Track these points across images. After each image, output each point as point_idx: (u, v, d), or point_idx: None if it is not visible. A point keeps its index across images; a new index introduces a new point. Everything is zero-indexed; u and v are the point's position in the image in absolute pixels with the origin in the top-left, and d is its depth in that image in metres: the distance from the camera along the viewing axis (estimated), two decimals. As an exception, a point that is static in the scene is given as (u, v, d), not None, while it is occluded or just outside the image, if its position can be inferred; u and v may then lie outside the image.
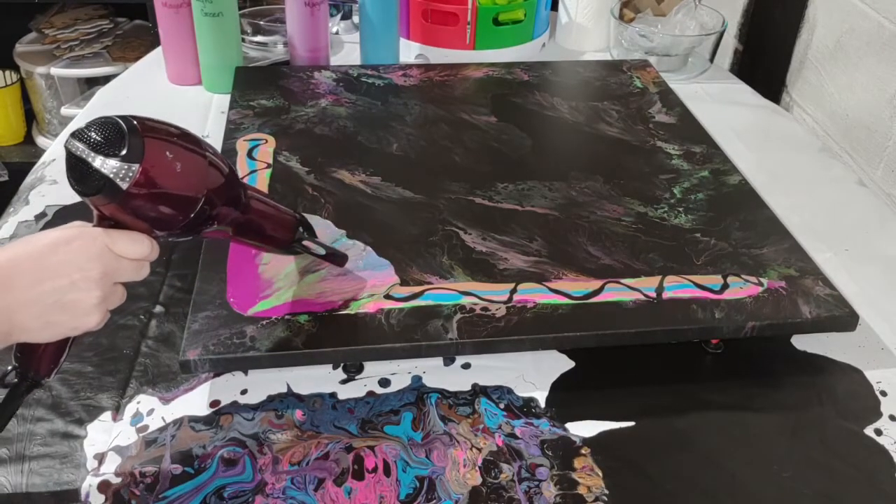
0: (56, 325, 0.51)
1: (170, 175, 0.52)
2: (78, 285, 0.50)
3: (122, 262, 0.53)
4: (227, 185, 0.57)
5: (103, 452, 0.60)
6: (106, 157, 0.49)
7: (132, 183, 0.50)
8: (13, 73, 2.00)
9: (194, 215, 0.54)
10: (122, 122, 0.50)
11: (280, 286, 0.70)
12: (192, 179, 0.53)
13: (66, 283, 0.50)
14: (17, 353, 0.54)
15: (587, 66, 1.16)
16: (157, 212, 0.53)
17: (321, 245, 0.69)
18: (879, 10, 1.00)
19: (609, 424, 0.64)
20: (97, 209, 0.53)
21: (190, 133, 0.55)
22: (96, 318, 0.53)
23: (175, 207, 0.53)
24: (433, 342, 0.66)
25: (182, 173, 0.53)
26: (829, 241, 0.85)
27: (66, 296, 0.50)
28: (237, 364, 0.66)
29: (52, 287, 0.50)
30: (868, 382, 0.69)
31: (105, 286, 0.52)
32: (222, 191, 0.56)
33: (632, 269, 0.74)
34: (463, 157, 0.91)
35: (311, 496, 0.57)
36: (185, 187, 0.53)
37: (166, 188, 0.52)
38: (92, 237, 0.52)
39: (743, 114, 1.11)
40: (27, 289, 0.49)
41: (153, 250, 0.54)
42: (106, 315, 0.54)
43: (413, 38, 1.21)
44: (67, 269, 0.50)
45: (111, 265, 0.52)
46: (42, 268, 0.50)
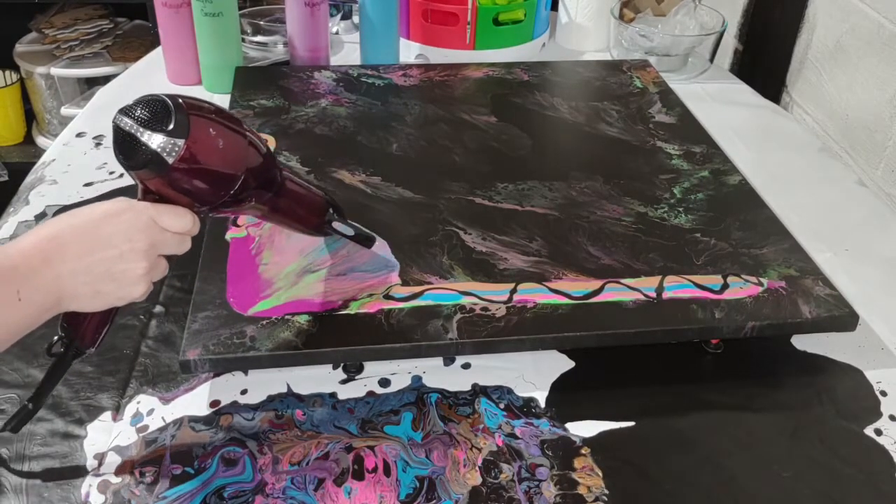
0: (104, 294, 0.53)
1: (213, 152, 0.55)
2: (126, 256, 0.53)
3: (166, 235, 0.55)
4: (265, 164, 0.59)
5: (103, 452, 0.60)
6: (153, 132, 0.52)
7: (177, 158, 0.52)
8: (13, 73, 2.00)
9: (234, 192, 0.57)
10: (168, 99, 0.53)
11: (280, 286, 0.70)
12: (233, 157, 0.56)
13: (116, 254, 0.52)
14: (64, 324, 0.56)
15: (587, 66, 1.16)
16: (200, 187, 0.55)
17: (350, 226, 0.71)
18: (879, 10, 1.00)
19: (609, 424, 0.64)
20: (143, 183, 0.55)
21: (231, 113, 0.58)
22: (142, 288, 0.55)
23: (217, 183, 0.56)
24: (433, 342, 0.66)
25: (224, 150, 0.55)
26: (829, 241, 0.85)
27: (114, 266, 0.52)
28: (237, 364, 0.66)
29: (101, 257, 0.52)
30: (868, 382, 0.69)
31: (151, 258, 0.54)
32: (260, 170, 0.59)
33: (632, 269, 0.74)
34: (463, 157, 0.91)
35: (311, 496, 0.57)
36: (227, 164, 0.56)
37: (209, 164, 0.55)
38: (138, 210, 0.54)
39: (743, 114, 1.11)
40: (78, 258, 0.51)
41: (195, 224, 0.57)
42: (150, 286, 0.56)
43: (413, 38, 1.21)
44: (116, 241, 0.52)
45: (157, 238, 0.54)
46: (93, 238, 0.52)
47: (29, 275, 0.49)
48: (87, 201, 0.87)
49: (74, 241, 0.51)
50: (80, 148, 0.97)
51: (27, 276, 0.49)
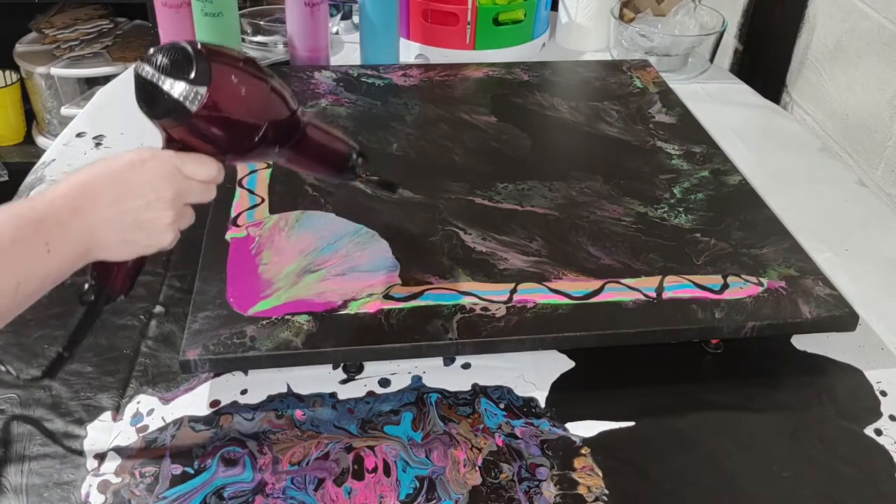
0: (133, 243, 0.54)
1: (235, 100, 0.54)
2: (153, 205, 0.53)
3: (191, 184, 0.55)
4: (290, 113, 0.59)
5: (103, 452, 0.60)
6: (175, 80, 0.52)
7: (200, 106, 0.52)
8: (13, 73, 2.00)
9: (258, 139, 0.56)
10: (189, 46, 0.52)
11: (280, 286, 0.70)
12: (257, 105, 0.56)
13: (143, 203, 0.52)
14: (94, 272, 0.57)
15: (587, 66, 1.16)
16: (223, 135, 0.55)
17: (374, 174, 0.70)
18: (879, 10, 1.00)
19: (609, 424, 0.64)
20: (166, 132, 0.55)
21: (254, 60, 0.57)
22: (169, 237, 0.55)
23: (240, 131, 0.56)
24: (433, 342, 0.66)
25: (247, 98, 0.55)
26: (829, 241, 0.85)
27: (142, 215, 0.53)
28: (237, 364, 0.66)
29: (129, 206, 0.52)
30: (868, 382, 0.68)
31: (177, 206, 0.55)
32: (284, 118, 0.58)
33: (632, 269, 0.74)
34: (463, 157, 0.91)
35: (311, 496, 0.57)
36: (250, 112, 0.56)
37: (232, 113, 0.54)
38: (163, 159, 0.54)
39: (743, 114, 1.11)
40: (107, 208, 0.51)
41: (220, 173, 0.57)
42: (177, 235, 0.56)
43: (413, 38, 1.21)
44: (144, 190, 0.53)
45: (182, 186, 0.55)
46: (120, 188, 0.52)
47: (57, 226, 0.49)
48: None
49: (102, 191, 0.51)
50: (80, 148, 0.97)
51: (55, 227, 0.49)
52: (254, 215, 0.79)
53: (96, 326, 0.60)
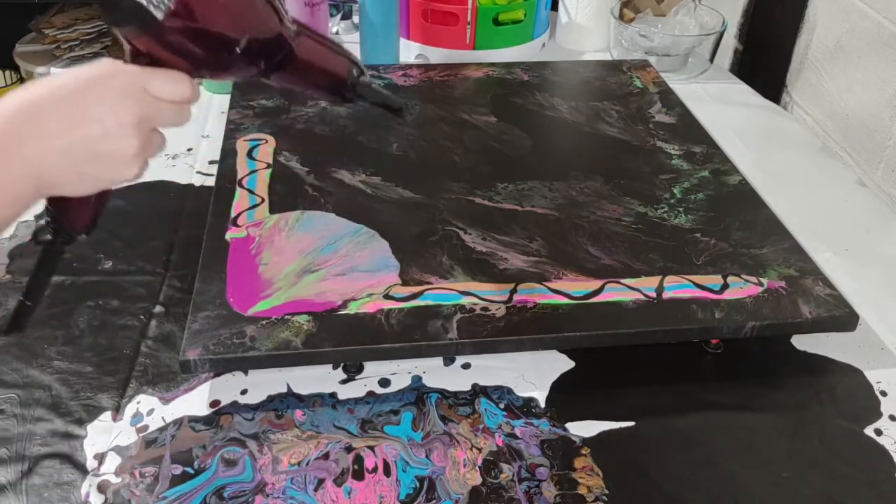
0: (91, 177, 0.46)
1: (208, 6, 0.46)
2: (112, 133, 0.45)
3: (160, 105, 0.47)
4: (276, 21, 0.50)
5: (103, 452, 0.60)
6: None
7: (167, 13, 0.45)
8: (13, 73, 2.00)
9: (238, 52, 0.49)
10: None
11: (280, 286, 0.70)
12: (237, 12, 0.48)
13: (99, 132, 0.45)
14: (49, 208, 0.50)
15: (587, 66, 1.16)
16: (196, 48, 0.47)
17: (378, 91, 0.60)
18: (879, 10, 1.00)
19: (609, 424, 0.64)
20: (130, 43, 0.48)
21: None
22: (134, 168, 0.47)
23: (216, 43, 0.48)
24: (433, 342, 0.66)
25: (223, 7, 0.47)
26: (829, 241, 0.85)
27: (99, 145, 0.45)
28: (237, 364, 0.66)
29: (83, 135, 0.44)
30: (868, 382, 0.69)
31: (143, 133, 0.46)
32: (269, 27, 0.50)
33: (632, 269, 0.74)
34: (463, 157, 0.91)
35: (311, 496, 0.57)
36: (228, 21, 0.48)
37: (207, 21, 0.47)
38: (125, 76, 0.46)
39: (743, 114, 1.11)
40: (55, 136, 0.44)
41: (193, 91, 0.49)
42: (145, 165, 0.48)
43: (413, 38, 1.21)
44: (100, 114, 0.45)
45: (148, 109, 0.47)
46: (70, 112, 0.44)
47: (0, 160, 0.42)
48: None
49: (50, 116, 0.44)
50: (80, 148, 0.97)
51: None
52: (254, 215, 0.79)
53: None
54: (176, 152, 0.96)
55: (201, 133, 1.00)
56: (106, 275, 0.77)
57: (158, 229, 0.83)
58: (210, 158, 0.94)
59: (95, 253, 0.79)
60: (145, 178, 0.53)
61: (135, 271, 0.77)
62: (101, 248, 0.80)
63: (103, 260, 0.78)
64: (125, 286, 0.75)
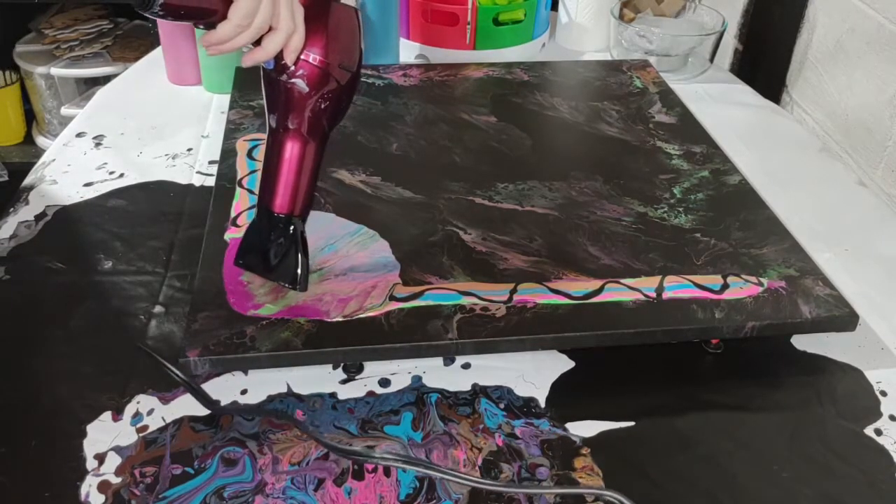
0: None
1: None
2: None
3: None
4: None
5: (103, 452, 0.60)
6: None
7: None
8: (13, 73, 2.00)
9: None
10: None
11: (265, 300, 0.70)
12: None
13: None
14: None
15: (587, 66, 1.16)
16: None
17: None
18: (879, 10, 1.00)
19: (609, 424, 0.64)
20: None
21: None
22: None
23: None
24: (433, 342, 0.66)
25: None
26: (829, 241, 0.85)
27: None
28: (237, 364, 0.66)
29: None
30: (868, 382, 0.69)
31: None
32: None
33: (632, 269, 0.74)
34: (463, 157, 0.91)
35: (311, 496, 0.57)
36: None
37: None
38: None
39: (743, 114, 1.11)
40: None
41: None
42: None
43: (413, 38, 1.21)
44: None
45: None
46: None
47: None
48: (88, 202, 0.87)
49: None
50: (80, 148, 0.97)
51: None
52: (254, 215, 0.79)
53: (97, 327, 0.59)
54: (176, 152, 0.96)
55: (201, 133, 1.00)
56: (106, 275, 0.77)
57: (158, 229, 0.83)
58: (210, 158, 0.94)
59: (95, 253, 0.79)
60: (145, 178, 0.54)
61: (135, 271, 0.77)
62: (101, 248, 0.80)
63: (103, 260, 0.78)
64: (125, 286, 0.75)
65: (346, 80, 0.65)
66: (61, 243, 0.81)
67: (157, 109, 1.06)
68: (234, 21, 0.58)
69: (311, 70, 0.63)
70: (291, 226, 0.67)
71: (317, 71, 0.63)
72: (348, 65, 0.64)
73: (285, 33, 0.61)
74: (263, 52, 0.62)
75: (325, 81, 0.64)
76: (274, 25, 0.60)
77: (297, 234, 0.67)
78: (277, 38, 0.61)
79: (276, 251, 0.67)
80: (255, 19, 0.59)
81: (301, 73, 0.63)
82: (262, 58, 0.62)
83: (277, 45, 0.61)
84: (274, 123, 0.66)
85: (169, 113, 1.05)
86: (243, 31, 0.59)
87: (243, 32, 0.59)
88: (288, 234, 0.67)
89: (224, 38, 0.60)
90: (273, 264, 0.68)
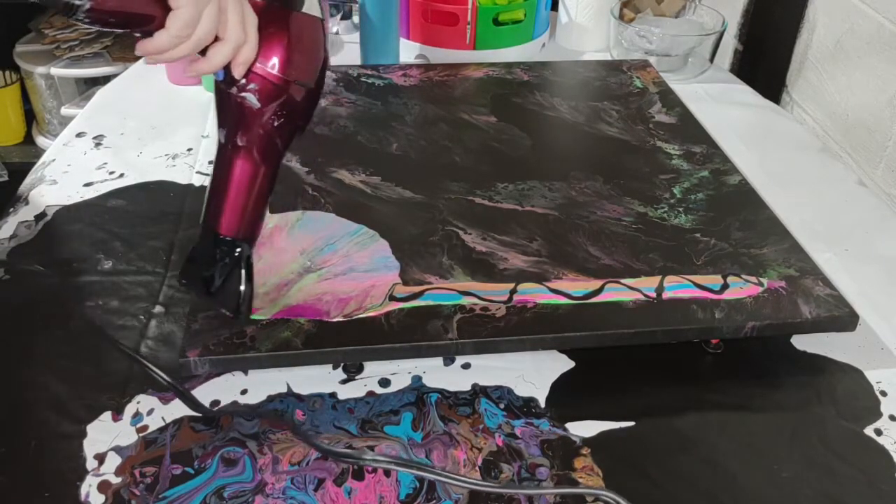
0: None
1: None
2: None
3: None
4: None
5: (103, 452, 0.60)
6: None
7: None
8: (13, 73, 2.00)
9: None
10: None
11: (267, 291, 0.70)
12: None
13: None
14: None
15: (587, 66, 1.16)
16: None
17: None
18: (879, 10, 1.00)
19: (609, 424, 0.64)
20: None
21: None
22: None
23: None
24: (433, 342, 0.66)
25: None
26: (829, 241, 0.85)
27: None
28: (237, 364, 0.66)
29: None
30: (868, 382, 0.69)
31: None
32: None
33: (632, 269, 0.74)
34: (463, 157, 0.91)
35: (311, 496, 0.57)
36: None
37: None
38: None
39: (743, 114, 1.11)
40: None
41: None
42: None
43: (413, 38, 1.21)
44: None
45: None
46: None
47: None
48: (88, 202, 0.87)
49: None
50: (80, 148, 0.97)
51: None
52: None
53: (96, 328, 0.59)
54: (176, 152, 0.96)
55: (201, 133, 1.00)
56: (106, 275, 0.77)
57: (158, 229, 0.83)
58: (210, 158, 0.94)
59: (95, 253, 0.79)
60: (145, 178, 0.54)
61: (135, 271, 0.77)
62: (101, 248, 0.80)
63: (103, 260, 0.78)
64: (125, 286, 0.75)
65: (303, 96, 0.60)
66: (61, 243, 0.81)
67: (157, 109, 1.06)
68: (172, 31, 0.52)
69: (263, 84, 0.58)
70: (237, 249, 0.62)
71: (270, 85, 0.58)
72: (306, 80, 0.59)
73: (233, 44, 0.55)
74: (207, 64, 0.56)
75: (279, 96, 0.58)
76: (221, 35, 0.55)
77: (241, 258, 0.62)
78: (224, 50, 0.55)
79: (220, 272, 0.62)
80: (197, 29, 0.53)
81: (252, 88, 0.58)
82: (207, 70, 0.56)
83: (224, 57, 0.55)
84: (223, 139, 0.61)
85: (169, 113, 1.05)
86: (183, 41, 0.53)
87: (183, 43, 0.53)
88: (233, 258, 0.62)
89: (161, 49, 0.53)
90: (216, 287, 0.62)
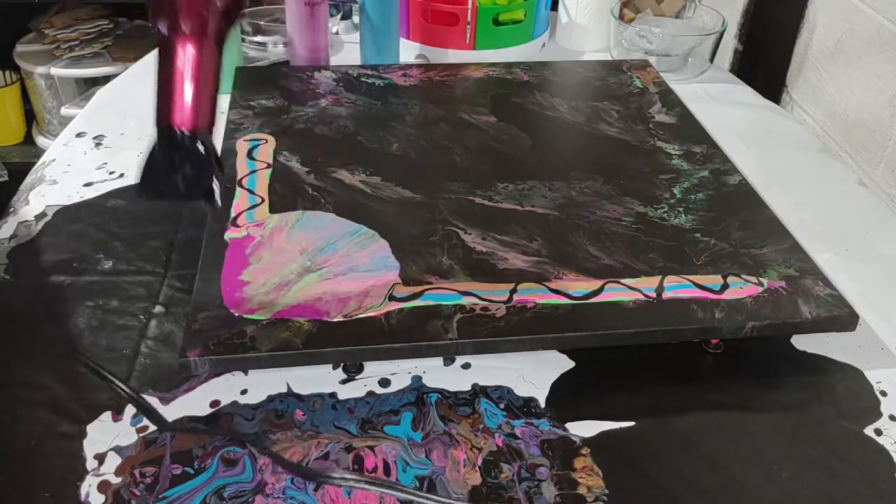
0: None
1: None
2: None
3: None
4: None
5: (103, 452, 0.60)
6: None
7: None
8: (13, 73, 2.00)
9: None
10: None
11: (260, 291, 0.70)
12: None
13: None
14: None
15: (587, 66, 1.16)
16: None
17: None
18: (879, 10, 1.00)
19: (609, 424, 0.64)
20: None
21: None
22: None
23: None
24: (433, 342, 0.66)
25: None
26: (829, 241, 0.85)
27: None
28: (237, 364, 0.66)
29: None
30: (868, 382, 0.69)
31: None
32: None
33: (632, 269, 0.74)
34: (463, 157, 0.91)
35: (311, 496, 0.57)
36: None
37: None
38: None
39: (743, 114, 1.11)
40: None
41: None
42: None
43: (413, 38, 1.21)
44: None
45: None
46: None
47: None
48: (88, 202, 0.87)
49: None
50: (80, 148, 0.97)
51: None
52: (253, 215, 0.79)
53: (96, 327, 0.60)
54: (176, 152, 0.95)
55: (201, 133, 1.00)
56: (106, 275, 0.77)
57: (158, 229, 0.83)
58: (210, 158, 0.94)
59: (95, 253, 0.79)
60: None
61: (135, 271, 0.77)
62: (101, 248, 0.80)
63: (103, 260, 0.78)
64: (125, 286, 0.75)
65: None
66: (61, 243, 0.81)
67: (157, 109, 1.06)
68: None
69: None
70: (198, 141, 0.59)
71: None
72: None
73: None
74: None
75: None
76: None
77: (206, 147, 0.59)
78: None
79: (188, 169, 0.59)
80: None
81: None
82: None
83: None
84: (166, 29, 0.59)
85: (169, 113, 1.05)
86: None
87: None
88: (195, 150, 0.59)
89: None
90: (187, 185, 0.59)
